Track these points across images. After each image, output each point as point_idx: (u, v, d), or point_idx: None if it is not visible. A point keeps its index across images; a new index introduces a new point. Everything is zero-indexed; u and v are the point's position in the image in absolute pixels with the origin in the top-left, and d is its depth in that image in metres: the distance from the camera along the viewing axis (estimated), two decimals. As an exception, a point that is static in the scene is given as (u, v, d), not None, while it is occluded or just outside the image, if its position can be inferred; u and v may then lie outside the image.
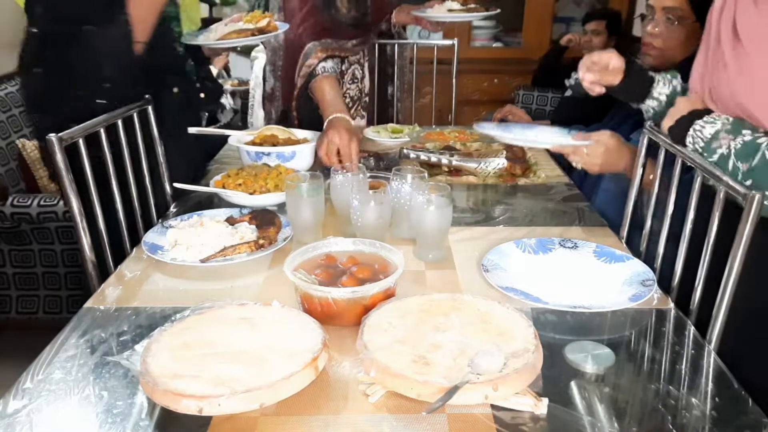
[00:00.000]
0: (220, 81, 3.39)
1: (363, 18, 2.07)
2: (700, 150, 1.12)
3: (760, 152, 1.01)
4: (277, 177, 1.49)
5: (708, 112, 1.13)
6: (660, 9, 1.57)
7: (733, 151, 1.05)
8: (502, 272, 1.14)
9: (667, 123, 1.21)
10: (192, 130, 1.56)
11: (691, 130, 1.14)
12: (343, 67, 2.13)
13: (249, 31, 1.69)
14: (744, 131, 1.06)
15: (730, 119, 1.09)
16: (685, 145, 1.17)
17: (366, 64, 2.23)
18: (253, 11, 1.77)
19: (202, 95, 1.95)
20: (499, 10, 2.23)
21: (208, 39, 1.69)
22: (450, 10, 2.14)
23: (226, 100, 3.28)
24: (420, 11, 2.17)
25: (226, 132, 1.73)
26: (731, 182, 0.99)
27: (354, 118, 2.22)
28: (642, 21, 1.64)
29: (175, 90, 1.66)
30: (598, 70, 1.34)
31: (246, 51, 3.04)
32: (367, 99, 2.30)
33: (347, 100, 2.19)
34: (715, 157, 1.09)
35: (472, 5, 2.18)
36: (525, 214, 1.44)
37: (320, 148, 1.61)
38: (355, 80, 2.19)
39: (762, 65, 1.03)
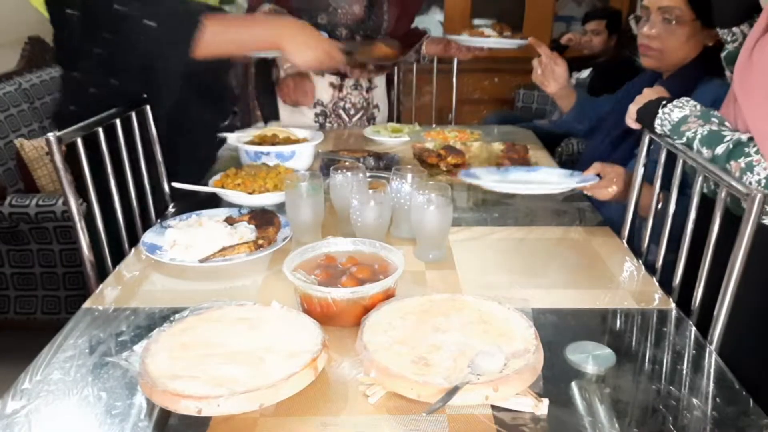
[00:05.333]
0: None
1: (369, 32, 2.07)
2: (668, 133, 1.18)
3: (723, 144, 1.06)
4: (277, 177, 1.48)
5: (673, 100, 1.19)
6: (656, 9, 1.54)
7: (698, 136, 1.10)
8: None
9: (634, 107, 1.27)
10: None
11: (660, 112, 1.19)
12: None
13: None
14: (713, 119, 1.11)
15: (699, 106, 1.13)
16: (653, 129, 1.22)
17: (377, 77, 2.21)
18: None
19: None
20: (529, 39, 2.20)
21: None
22: (487, 35, 2.16)
23: None
24: (454, 36, 2.20)
25: (225, 135, 1.71)
26: (733, 182, 0.99)
27: (356, 128, 2.21)
28: (636, 23, 1.62)
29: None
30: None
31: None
32: (375, 110, 2.28)
33: (347, 105, 2.18)
34: (683, 140, 1.14)
35: (507, 33, 2.19)
36: (525, 214, 1.44)
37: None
38: (359, 87, 2.17)
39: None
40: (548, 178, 1.49)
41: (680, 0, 1.49)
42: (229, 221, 1.31)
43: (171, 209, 1.49)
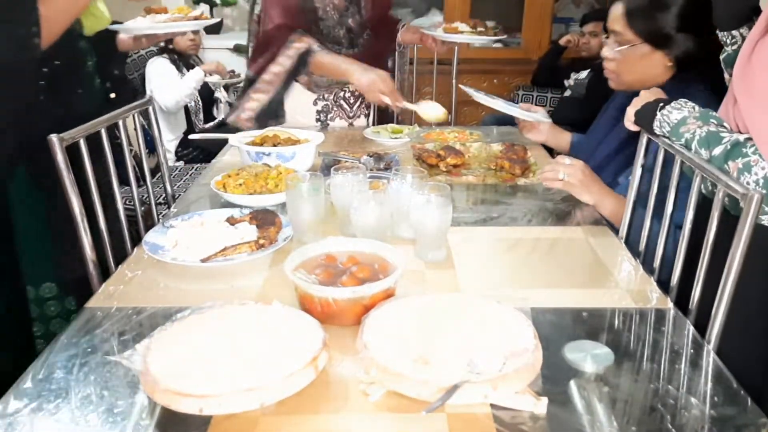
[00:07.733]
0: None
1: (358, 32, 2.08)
2: (668, 134, 1.19)
3: (722, 145, 1.06)
4: (278, 177, 1.49)
5: (671, 102, 1.20)
6: (611, 32, 1.56)
7: (697, 137, 1.11)
8: None
9: (632, 110, 1.27)
10: (193, 136, 1.53)
11: (659, 114, 1.20)
12: None
13: (182, 18, 1.78)
14: (712, 120, 1.12)
15: (697, 108, 1.15)
16: (652, 132, 1.23)
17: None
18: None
19: (112, 95, 1.82)
20: (505, 36, 2.26)
21: (132, 26, 1.70)
22: (460, 31, 2.19)
23: (221, 94, 3.24)
24: (430, 30, 2.21)
25: (225, 136, 1.73)
26: (730, 182, 1.00)
27: (357, 117, 2.22)
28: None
29: (80, 91, 1.56)
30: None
31: (245, 48, 3.03)
32: None
33: (347, 94, 2.19)
34: (682, 141, 1.15)
35: (481, 28, 2.21)
36: (524, 214, 1.44)
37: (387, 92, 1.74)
38: None
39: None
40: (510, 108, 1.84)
41: (623, 26, 1.50)
42: (231, 221, 1.32)
43: (173, 209, 1.50)
